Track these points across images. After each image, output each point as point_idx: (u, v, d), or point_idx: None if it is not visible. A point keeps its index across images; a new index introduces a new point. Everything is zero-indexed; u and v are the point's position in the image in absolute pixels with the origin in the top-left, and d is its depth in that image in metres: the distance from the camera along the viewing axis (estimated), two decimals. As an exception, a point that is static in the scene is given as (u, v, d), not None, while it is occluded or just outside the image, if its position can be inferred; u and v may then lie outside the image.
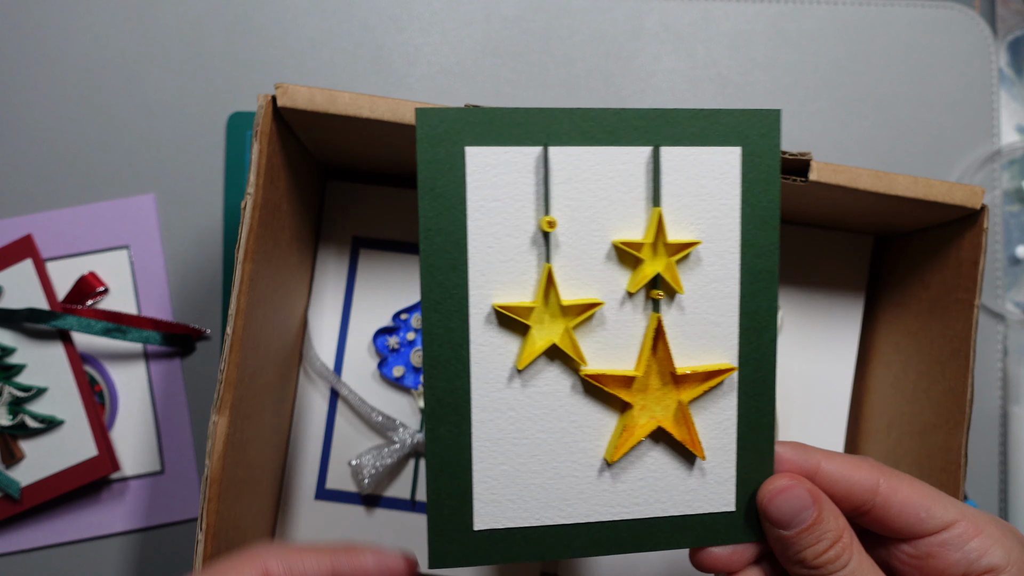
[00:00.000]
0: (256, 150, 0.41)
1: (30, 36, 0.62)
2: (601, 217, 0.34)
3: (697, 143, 0.34)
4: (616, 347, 0.35)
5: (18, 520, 0.58)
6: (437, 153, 0.33)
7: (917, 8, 0.62)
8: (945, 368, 0.46)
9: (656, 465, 0.36)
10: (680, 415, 0.35)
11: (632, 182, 0.34)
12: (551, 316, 0.34)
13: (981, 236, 0.44)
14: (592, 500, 0.35)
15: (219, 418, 0.41)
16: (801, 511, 0.34)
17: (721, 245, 0.35)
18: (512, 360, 0.35)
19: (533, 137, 0.34)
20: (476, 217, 0.34)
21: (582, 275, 0.35)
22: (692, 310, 0.35)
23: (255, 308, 0.44)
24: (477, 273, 0.34)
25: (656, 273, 0.34)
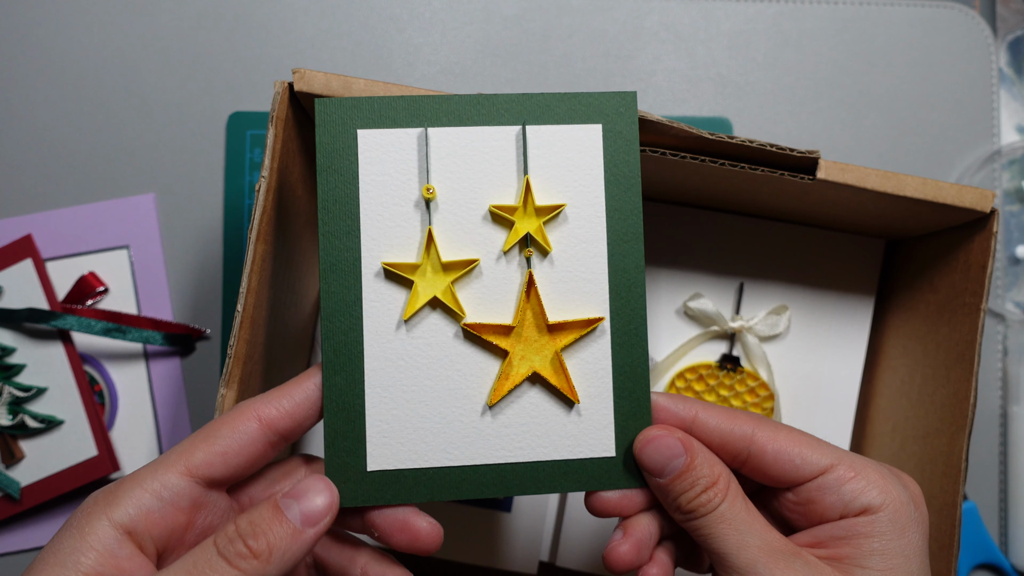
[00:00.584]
0: (271, 135, 0.42)
1: (30, 36, 0.62)
2: (478, 186, 0.39)
3: (561, 122, 0.39)
4: (495, 301, 0.39)
5: (18, 520, 0.58)
6: (333, 136, 0.38)
7: (917, 8, 0.62)
8: (950, 372, 0.46)
9: (535, 410, 0.38)
10: (556, 362, 0.38)
11: (504, 155, 0.39)
12: (433, 272, 0.38)
13: (990, 240, 0.44)
14: (477, 443, 0.38)
15: (227, 391, 0.42)
16: (672, 459, 0.36)
17: (588, 210, 0.39)
18: (400, 313, 0.38)
19: (415, 120, 0.39)
20: (367, 189, 0.38)
21: (462, 237, 0.39)
22: (563, 268, 0.39)
23: (266, 287, 0.45)
24: (368, 238, 0.38)
25: (527, 233, 0.38)
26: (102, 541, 0.32)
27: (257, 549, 0.32)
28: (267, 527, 0.32)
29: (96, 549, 0.32)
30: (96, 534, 0.32)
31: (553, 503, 0.56)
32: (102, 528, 0.32)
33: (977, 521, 0.59)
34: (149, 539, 0.33)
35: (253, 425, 0.35)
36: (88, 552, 0.31)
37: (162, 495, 0.33)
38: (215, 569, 0.31)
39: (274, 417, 0.36)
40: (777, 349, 0.55)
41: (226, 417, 0.35)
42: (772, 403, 0.54)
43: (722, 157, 0.44)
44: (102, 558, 0.32)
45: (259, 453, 0.36)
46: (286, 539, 0.32)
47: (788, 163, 0.43)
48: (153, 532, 0.33)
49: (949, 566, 0.43)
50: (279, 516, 0.32)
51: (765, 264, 0.56)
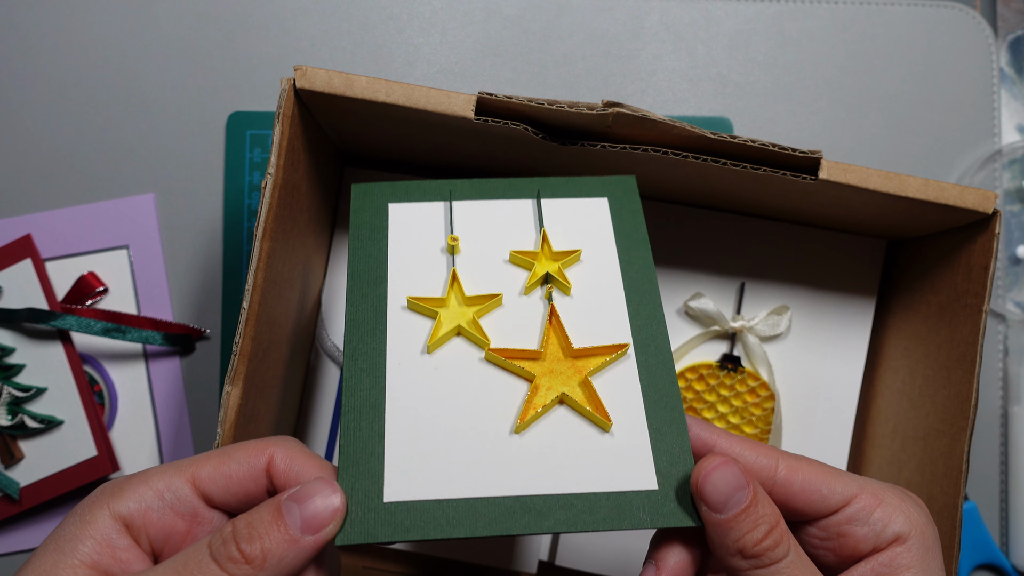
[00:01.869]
0: (278, 131, 0.42)
1: (30, 36, 0.62)
2: (498, 239, 0.42)
3: (572, 196, 0.43)
4: (517, 332, 0.39)
5: (18, 520, 0.58)
6: (366, 207, 0.43)
7: (918, 7, 0.62)
8: (951, 373, 0.46)
9: (565, 437, 0.36)
10: (585, 386, 0.37)
11: (522, 215, 0.43)
12: (457, 306, 0.39)
13: (992, 241, 0.44)
14: (504, 472, 0.35)
15: (233, 389, 0.42)
16: (737, 490, 0.32)
17: (602, 259, 0.42)
18: (423, 343, 0.38)
19: (440, 195, 0.43)
20: (395, 245, 0.41)
21: (484, 278, 0.41)
22: (583, 302, 0.40)
23: (271, 285, 0.45)
24: (394, 282, 0.40)
25: (546, 272, 0.40)
26: (101, 531, 0.32)
27: (250, 554, 0.30)
28: (264, 531, 0.30)
29: (94, 538, 0.32)
30: (96, 523, 0.32)
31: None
32: (103, 518, 0.32)
33: (978, 521, 0.59)
34: (145, 536, 0.33)
35: (263, 463, 0.34)
36: (87, 540, 0.32)
37: (164, 496, 0.33)
38: (204, 571, 0.30)
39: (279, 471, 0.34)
40: (778, 349, 0.55)
41: (251, 444, 0.34)
42: (772, 403, 0.54)
43: (724, 157, 0.44)
44: (100, 547, 0.32)
45: (257, 493, 0.34)
46: (282, 545, 0.30)
47: (790, 163, 0.43)
48: (150, 530, 0.33)
49: (950, 567, 0.43)
50: (278, 520, 0.31)
51: (766, 264, 0.55)
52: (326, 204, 0.54)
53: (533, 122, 0.44)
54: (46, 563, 0.32)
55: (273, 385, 0.49)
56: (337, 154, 0.55)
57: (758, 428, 0.54)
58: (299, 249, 0.49)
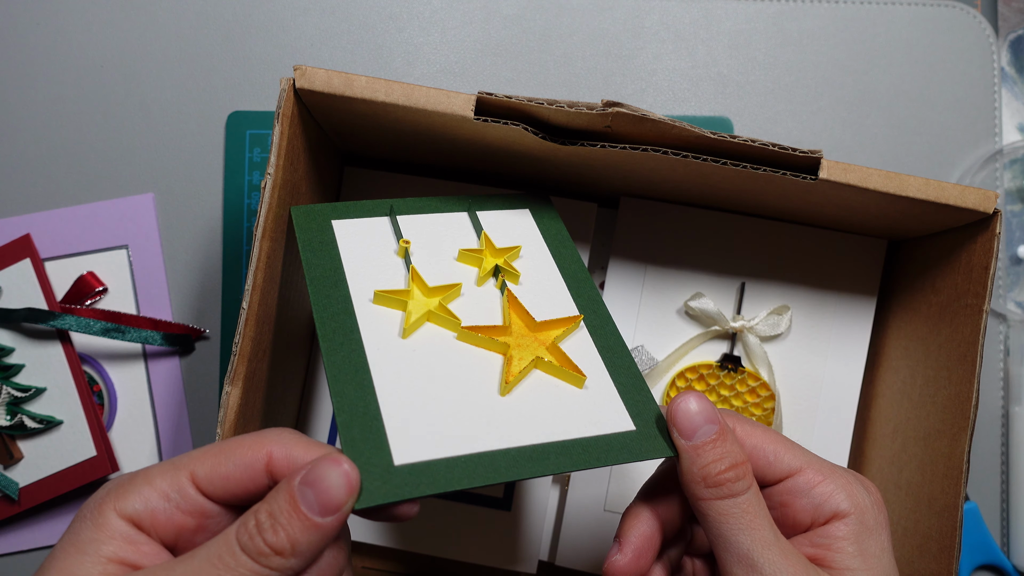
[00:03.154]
0: (277, 131, 0.43)
1: (30, 36, 0.62)
2: (444, 241, 0.47)
3: (499, 208, 0.49)
4: (480, 315, 0.43)
5: (17, 520, 0.58)
6: (310, 225, 0.45)
7: (918, 7, 0.62)
8: (952, 373, 0.46)
9: (546, 393, 0.40)
10: (553, 351, 0.42)
11: (461, 223, 0.48)
12: (421, 296, 0.43)
13: (993, 241, 0.44)
14: (498, 427, 0.38)
15: (232, 389, 0.42)
16: (706, 421, 0.36)
17: (538, 254, 0.47)
18: (398, 331, 0.41)
19: (380, 212, 0.47)
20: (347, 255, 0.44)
21: (440, 272, 0.45)
22: (531, 291, 0.45)
23: (270, 285, 0.45)
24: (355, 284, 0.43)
25: (495, 264, 0.45)
26: (118, 529, 0.32)
27: (278, 545, 0.30)
28: (286, 521, 0.31)
29: (115, 538, 0.32)
30: (110, 524, 0.32)
31: (553, 503, 0.56)
32: (113, 518, 0.32)
33: (979, 521, 0.59)
34: (155, 533, 0.33)
35: (261, 461, 0.33)
36: (108, 541, 0.32)
37: (169, 496, 0.33)
38: (240, 563, 0.30)
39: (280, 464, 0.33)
40: (778, 349, 0.55)
41: (247, 440, 0.34)
42: (773, 403, 0.54)
43: (724, 156, 0.44)
44: (122, 545, 0.32)
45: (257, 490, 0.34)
46: (306, 532, 0.31)
47: (790, 163, 0.43)
48: (159, 530, 0.33)
49: (950, 567, 0.43)
50: (296, 508, 0.31)
51: (767, 264, 0.55)
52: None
53: (533, 121, 0.44)
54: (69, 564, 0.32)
55: (272, 385, 0.49)
56: (337, 154, 0.55)
57: (758, 428, 0.54)
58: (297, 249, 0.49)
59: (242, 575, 0.30)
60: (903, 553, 0.48)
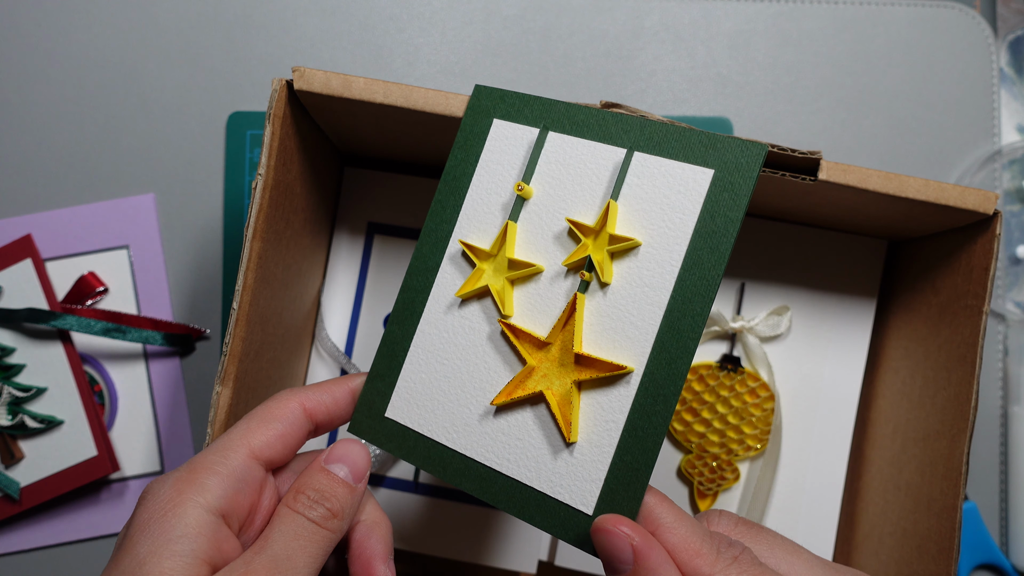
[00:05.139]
0: (268, 132, 0.43)
1: (30, 36, 0.62)
2: (569, 197, 0.39)
3: (672, 156, 0.37)
4: (542, 312, 0.38)
5: (18, 520, 0.58)
6: (475, 120, 0.41)
7: (917, 7, 0.62)
8: (951, 374, 0.46)
9: (533, 430, 0.37)
10: (570, 394, 0.36)
11: (603, 175, 0.38)
12: (499, 265, 0.39)
13: (993, 242, 0.44)
14: (473, 437, 0.38)
15: (222, 389, 0.42)
16: (620, 562, 0.33)
17: (663, 255, 0.36)
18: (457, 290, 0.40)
19: (541, 121, 0.40)
20: (480, 174, 0.41)
21: (538, 241, 0.39)
22: (616, 303, 0.37)
23: (263, 285, 0.45)
24: (465, 217, 0.40)
25: (589, 256, 0.37)
26: (207, 527, 0.33)
27: (335, 509, 0.36)
28: (331, 491, 0.36)
29: (205, 536, 0.33)
30: (197, 520, 0.33)
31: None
32: (200, 515, 0.33)
33: (978, 521, 0.59)
34: (236, 520, 0.35)
35: (299, 412, 0.38)
36: (197, 539, 0.33)
37: (238, 478, 0.35)
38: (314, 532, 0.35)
39: (315, 408, 0.38)
40: (778, 350, 0.55)
41: (273, 403, 0.38)
42: (772, 404, 0.54)
43: (723, 158, 0.44)
44: (211, 544, 0.33)
45: (303, 439, 0.38)
46: (348, 496, 0.36)
47: (790, 164, 0.43)
48: (239, 513, 0.35)
49: (949, 568, 0.43)
50: (334, 479, 0.36)
51: (766, 265, 0.55)
52: (324, 204, 0.54)
53: (532, 123, 0.44)
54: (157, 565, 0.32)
55: (267, 385, 0.49)
56: (336, 154, 0.55)
57: (758, 429, 0.54)
58: (294, 250, 0.49)
59: (318, 540, 0.35)
60: (902, 554, 0.48)
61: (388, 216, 0.56)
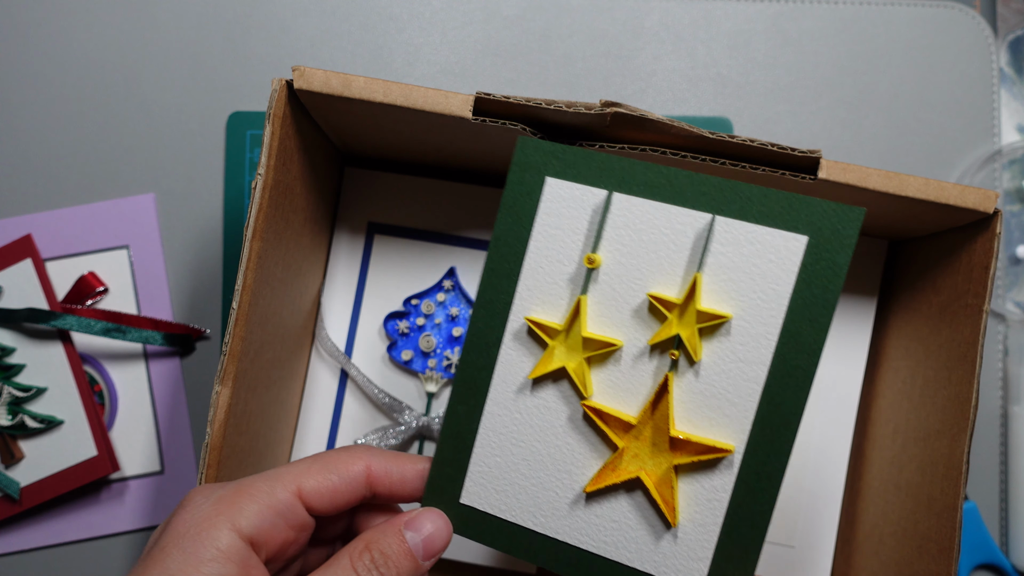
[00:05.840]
0: (268, 132, 0.42)
1: (30, 36, 0.62)
2: (645, 267, 0.36)
3: (760, 221, 0.34)
4: (626, 391, 0.36)
5: (18, 520, 0.58)
6: (524, 178, 0.37)
7: (917, 7, 0.62)
8: (952, 373, 0.46)
9: (631, 514, 0.36)
10: (667, 476, 0.35)
11: (683, 242, 0.35)
12: (572, 343, 0.37)
13: (993, 241, 0.44)
14: (565, 521, 0.37)
15: (222, 388, 0.42)
16: None
17: (757, 328, 0.34)
18: (529, 370, 0.38)
19: (604, 180, 0.36)
20: (538, 239, 0.37)
21: (613, 316, 0.37)
22: (709, 381, 0.35)
23: (263, 285, 0.45)
24: (524, 288, 0.38)
25: (677, 334, 0.35)
26: (239, 554, 0.32)
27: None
28: (397, 560, 0.35)
29: (231, 559, 0.32)
30: (229, 545, 0.32)
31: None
32: (232, 539, 0.32)
33: (978, 521, 0.59)
34: (265, 551, 0.34)
35: (362, 474, 0.36)
36: (225, 563, 0.32)
37: (279, 510, 0.34)
38: None
39: (379, 477, 0.37)
40: (777, 349, 0.55)
41: (343, 453, 0.37)
42: (773, 403, 0.54)
43: (723, 157, 0.44)
44: (241, 570, 0.32)
45: (355, 501, 0.37)
46: (411, 571, 0.35)
47: (789, 163, 0.43)
48: (270, 545, 0.34)
49: (949, 568, 0.43)
50: (405, 548, 0.35)
51: (766, 264, 0.55)
52: (324, 204, 0.54)
53: (531, 122, 0.44)
54: None
55: (267, 385, 0.49)
56: (337, 154, 0.55)
57: (758, 428, 0.54)
58: (294, 250, 0.49)
59: None
60: (902, 554, 0.48)
61: (388, 216, 0.56)
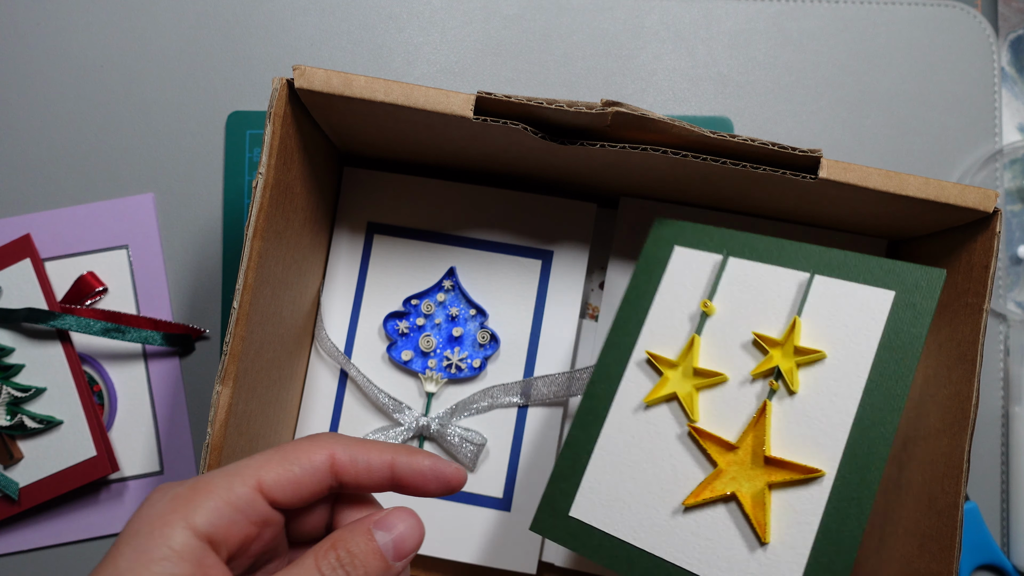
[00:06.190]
0: (269, 131, 0.43)
1: (30, 36, 0.62)
2: (752, 315, 0.43)
3: (852, 279, 0.41)
4: (727, 418, 0.41)
5: (17, 520, 0.58)
6: (658, 248, 0.46)
7: (918, 7, 0.62)
8: (952, 372, 0.46)
9: (725, 531, 0.39)
10: (761, 495, 0.38)
11: (785, 294, 0.42)
12: (684, 373, 0.42)
13: (993, 240, 0.44)
14: (663, 537, 0.39)
15: (222, 388, 0.42)
16: None
17: (849, 366, 0.39)
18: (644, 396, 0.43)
19: (721, 248, 0.45)
20: (662, 293, 0.45)
21: (721, 352, 0.42)
22: (804, 409, 0.39)
23: (263, 285, 0.45)
24: (648, 331, 0.44)
25: (777, 366, 0.40)
26: (193, 552, 0.31)
27: None
28: (365, 559, 0.33)
29: (189, 561, 0.31)
30: (182, 543, 0.31)
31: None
32: (186, 537, 0.31)
33: (978, 521, 0.59)
34: (225, 549, 0.33)
35: (326, 464, 0.35)
36: (179, 562, 0.31)
37: (240, 507, 0.33)
38: None
39: (345, 466, 0.35)
40: (778, 349, 0.55)
41: (305, 443, 0.35)
42: (773, 403, 0.54)
43: (724, 156, 0.44)
44: (197, 569, 0.31)
45: (321, 491, 0.35)
46: (380, 572, 0.34)
47: (790, 162, 0.43)
48: (230, 542, 0.33)
49: (951, 567, 0.43)
50: (374, 547, 0.34)
51: (766, 264, 0.55)
52: (324, 204, 0.54)
53: (532, 121, 0.44)
54: None
55: (267, 385, 0.49)
56: (336, 154, 0.55)
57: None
58: (294, 249, 0.49)
59: None
60: (903, 553, 0.48)
61: (388, 216, 0.56)
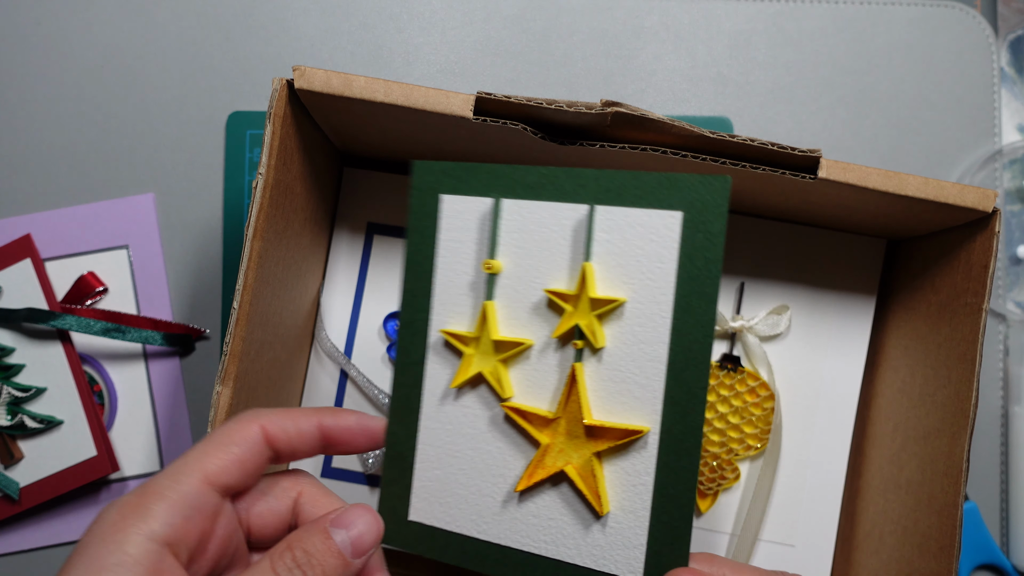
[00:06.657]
0: (269, 132, 0.43)
1: (30, 36, 0.62)
2: (541, 266, 0.38)
3: (636, 204, 0.36)
4: (542, 387, 0.38)
5: (17, 520, 0.58)
6: (422, 200, 0.40)
7: (918, 7, 0.62)
8: (951, 372, 0.46)
9: (564, 508, 0.37)
10: (589, 466, 0.36)
11: (571, 236, 0.37)
12: (485, 348, 0.38)
13: (992, 240, 0.44)
14: (504, 524, 0.38)
15: (223, 389, 0.42)
16: None
17: (651, 307, 0.35)
18: (451, 380, 0.39)
19: (492, 189, 0.38)
20: (443, 254, 0.40)
21: (520, 316, 0.38)
22: (615, 366, 0.36)
23: (263, 285, 0.45)
24: (438, 303, 0.40)
25: (576, 324, 0.36)
26: (148, 557, 0.31)
27: None
28: (322, 558, 0.33)
29: (144, 565, 0.31)
30: (138, 549, 0.31)
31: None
32: (141, 543, 0.31)
33: (978, 521, 0.59)
34: (184, 550, 0.32)
35: (259, 436, 0.35)
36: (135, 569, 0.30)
37: (188, 504, 0.32)
38: None
39: (276, 435, 0.35)
40: (778, 349, 0.55)
41: (233, 425, 0.35)
42: (772, 403, 0.54)
43: (723, 156, 0.44)
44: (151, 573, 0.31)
45: (264, 464, 0.36)
46: (337, 571, 0.33)
47: (789, 162, 0.43)
48: (187, 542, 0.32)
49: (950, 566, 0.43)
50: (331, 546, 0.34)
51: (766, 264, 0.55)
52: (323, 204, 0.54)
53: (532, 122, 0.44)
54: None
55: (267, 385, 0.49)
56: (336, 155, 0.55)
57: (758, 428, 0.54)
58: (294, 249, 0.49)
59: None
60: (903, 552, 0.48)
61: (388, 216, 0.56)
